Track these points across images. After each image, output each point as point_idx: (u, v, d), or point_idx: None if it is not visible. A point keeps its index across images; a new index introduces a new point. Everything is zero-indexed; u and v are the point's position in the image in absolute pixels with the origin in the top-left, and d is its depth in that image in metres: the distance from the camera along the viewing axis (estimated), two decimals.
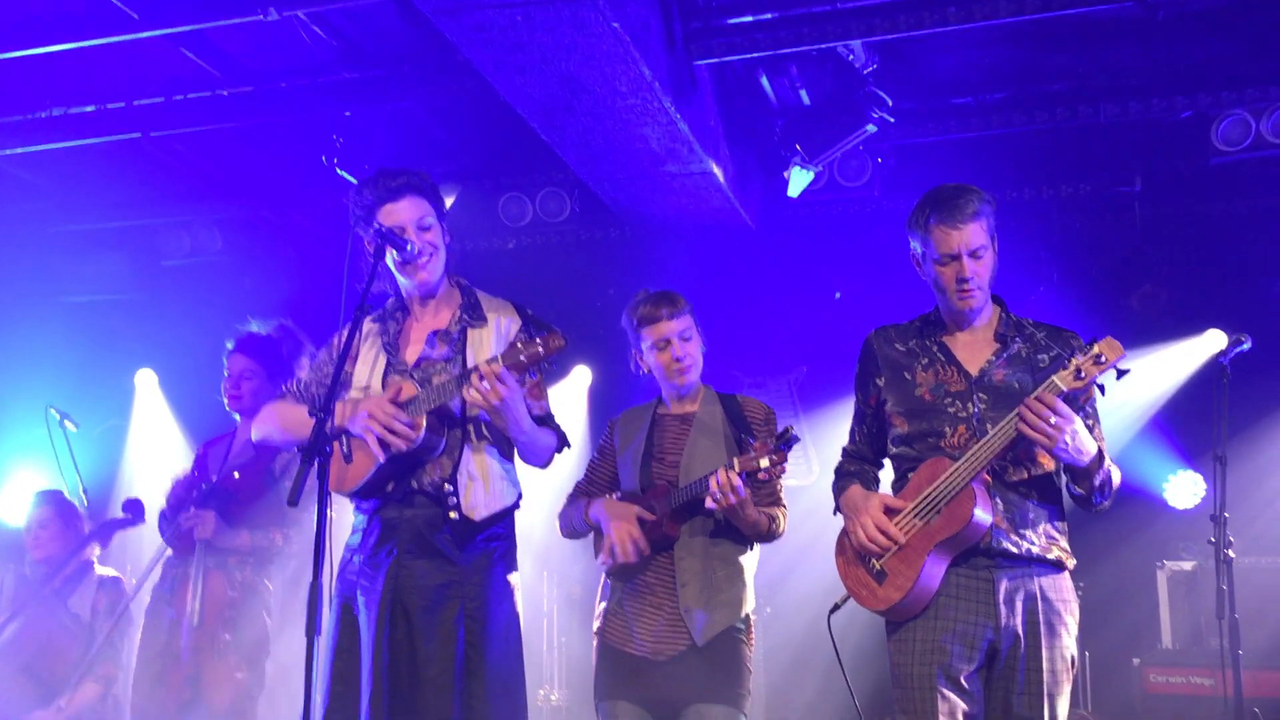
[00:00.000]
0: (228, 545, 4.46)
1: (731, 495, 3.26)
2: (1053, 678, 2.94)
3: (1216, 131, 5.77)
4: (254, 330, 4.68)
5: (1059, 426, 2.81)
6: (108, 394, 7.72)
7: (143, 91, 5.93)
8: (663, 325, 3.55)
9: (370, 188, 3.32)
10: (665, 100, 4.91)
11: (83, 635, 4.75)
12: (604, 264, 7.21)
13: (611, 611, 3.57)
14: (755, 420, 3.60)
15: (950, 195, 3.05)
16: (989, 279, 3.10)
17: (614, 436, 3.78)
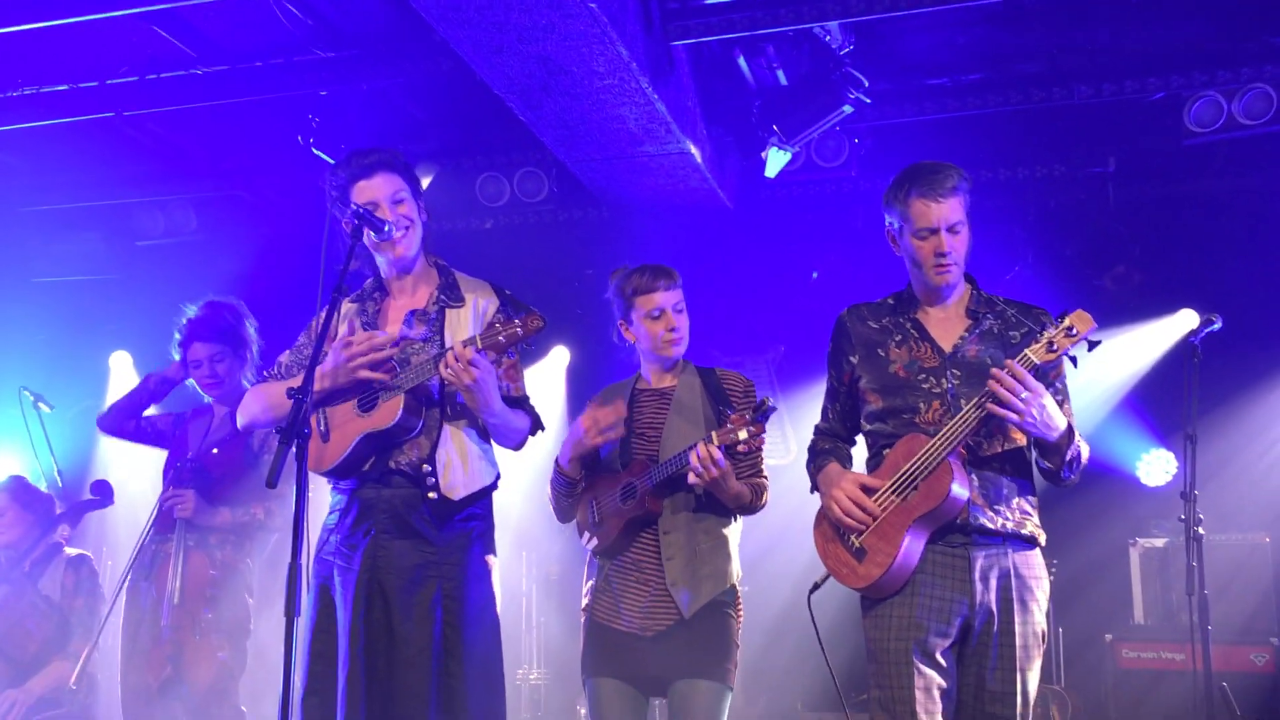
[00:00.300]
0: (208, 523, 4.46)
1: (713, 468, 3.26)
2: (1024, 653, 2.98)
3: (1189, 113, 5.82)
4: (194, 316, 4.67)
5: (1028, 401, 2.84)
6: (82, 375, 7.67)
7: (116, 70, 5.88)
8: (659, 295, 3.55)
9: (343, 167, 3.34)
10: (643, 81, 4.91)
11: (53, 616, 4.74)
12: (582, 244, 7.21)
13: (599, 589, 3.57)
14: (734, 393, 3.61)
15: (930, 170, 3.07)
16: (964, 255, 3.13)
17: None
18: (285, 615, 2.60)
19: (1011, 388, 2.84)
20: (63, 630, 4.74)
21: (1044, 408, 2.87)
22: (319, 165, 6.19)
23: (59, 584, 4.79)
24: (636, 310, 3.58)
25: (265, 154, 6.83)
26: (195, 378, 4.65)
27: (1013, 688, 2.95)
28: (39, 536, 4.82)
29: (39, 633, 4.71)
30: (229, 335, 4.62)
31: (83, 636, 4.74)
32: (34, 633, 4.70)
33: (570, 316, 7.12)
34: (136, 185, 7.20)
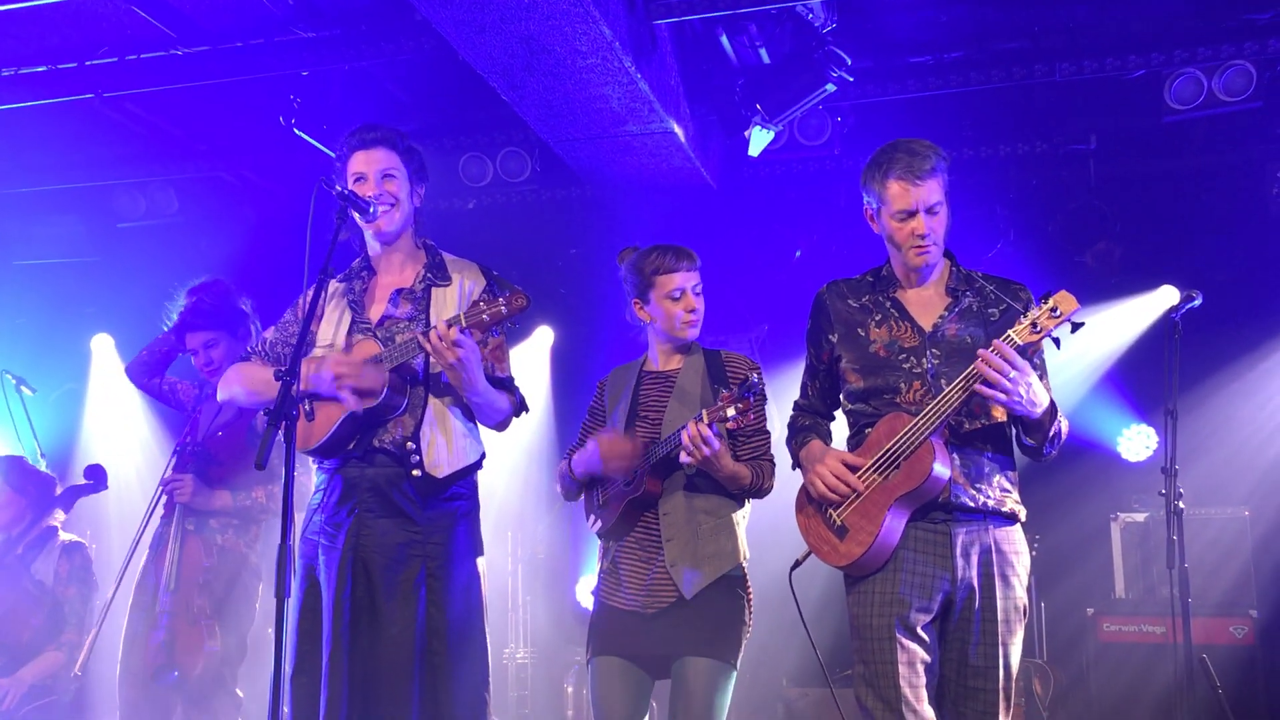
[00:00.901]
0: (208, 507, 4.45)
1: (703, 447, 3.27)
2: (1006, 627, 3.00)
3: (1169, 90, 5.83)
4: (180, 307, 4.65)
5: (1015, 380, 2.85)
6: (64, 358, 7.65)
7: (96, 51, 5.83)
8: (680, 275, 3.55)
9: (350, 138, 3.38)
10: (626, 60, 4.90)
11: (46, 601, 4.73)
12: (565, 224, 7.21)
13: (606, 571, 3.59)
14: (736, 375, 3.60)
15: (907, 151, 3.06)
16: (943, 235, 3.13)
17: (603, 396, 3.79)
18: (275, 597, 2.61)
19: (999, 368, 2.84)
20: (55, 618, 4.73)
21: (1030, 386, 2.89)
22: (301, 146, 6.16)
23: (52, 570, 4.77)
24: (656, 290, 3.57)
25: (247, 135, 6.80)
26: (197, 366, 4.63)
27: (995, 662, 2.98)
28: (34, 519, 4.80)
29: (33, 619, 4.69)
30: (219, 318, 4.59)
31: (75, 626, 4.73)
32: (28, 619, 4.68)
33: (554, 296, 7.12)
34: (117, 167, 7.16)
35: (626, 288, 3.67)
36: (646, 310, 3.62)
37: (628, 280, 3.66)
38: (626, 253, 3.72)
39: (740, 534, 3.56)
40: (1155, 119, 5.99)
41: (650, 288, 3.58)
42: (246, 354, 3.51)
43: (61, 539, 4.88)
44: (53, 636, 4.71)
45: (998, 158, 6.57)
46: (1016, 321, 2.90)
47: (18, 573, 4.73)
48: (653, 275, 3.57)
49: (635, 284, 3.62)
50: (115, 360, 7.72)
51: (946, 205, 3.12)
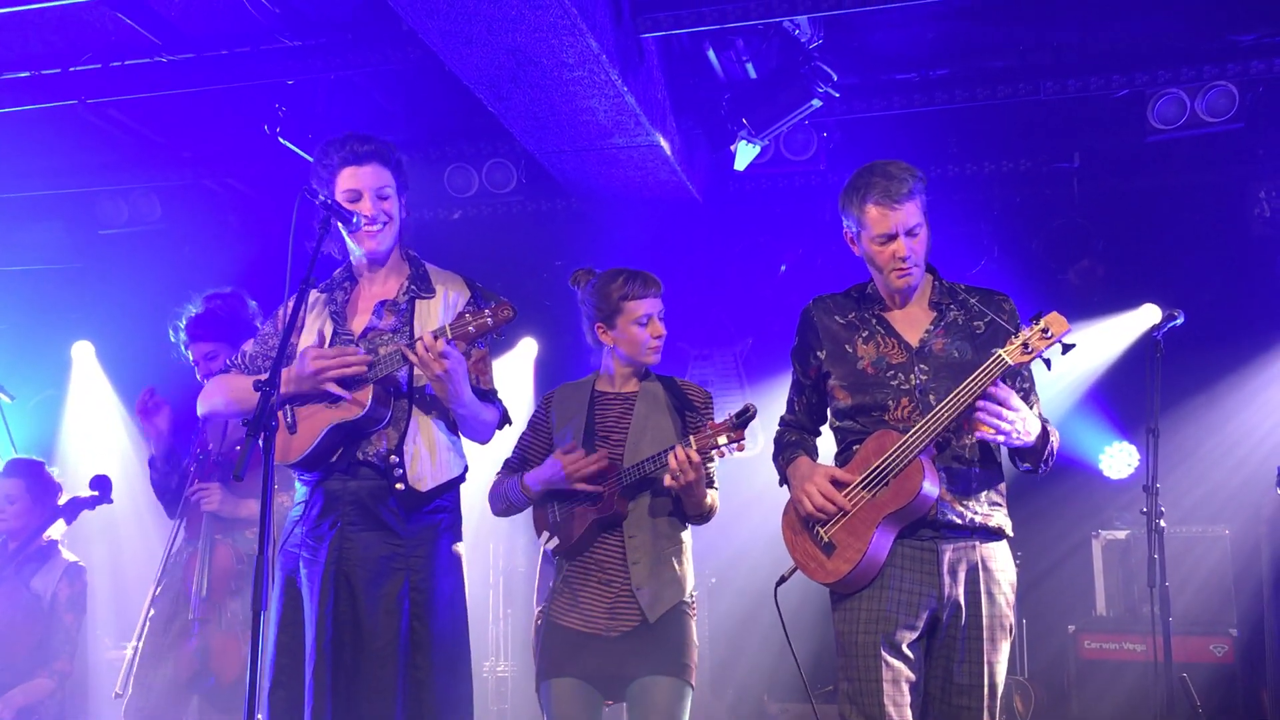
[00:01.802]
0: (235, 515, 4.41)
1: (690, 471, 3.28)
2: (992, 645, 3.00)
3: (1153, 110, 5.87)
4: (192, 313, 4.61)
5: (1012, 421, 2.87)
6: (43, 365, 7.59)
7: (80, 57, 5.79)
8: (650, 301, 3.57)
9: (337, 149, 3.30)
10: (612, 73, 4.90)
11: (42, 618, 4.63)
12: (551, 236, 7.20)
13: (557, 590, 3.57)
14: (696, 401, 3.63)
15: (884, 175, 3.06)
16: (925, 254, 3.13)
17: (550, 412, 3.75)
18: (252, 609, 2.59)
19: (997, 413, 2.86)
20: (49, 643, 4.62)
21: (1025, 419, 2.90)
22: (285, 154, 6.14)
23: (51, 590, 4.66)
24: (624, 315, 3.56)
25: (231, 143, 6.77)
26: (198, 374, 4.59)
27: (980, 680, 2.98)
28: (39, 528, 4.71)
29: (29, 637, 4.59)
30: (224, 330, 4.53)
31: (67, 655, 4.64)
32: (23, 636, 4.59)
33: (539, 308, 7.10)
34: (100, 174, 7.12)
35: (586, 309, 3.65)
36: (611, 335, 3.60)
37: (588, 303, 3.64)
38: (581, 275, 3.70)
39: (690, 559, 3.58)
40: (1139, 138, 6.03)
41: (617, 313, 3.57)
42: (226, 366, 3.48)
43: (64, 559, 4.77)
44: (44, 662, 4.60)
45: (982, 175, 6.60)
46: (1007, 340, 2.91)
47: (15, 586, 4.63)
48: (620, 301, 3.56)
49: (599, 308, 3.60)
50: (95, 367, 7.68)
51: (927, 225, 3.13)
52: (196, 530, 4.43)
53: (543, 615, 3.61)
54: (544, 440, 3.74)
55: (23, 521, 4.71)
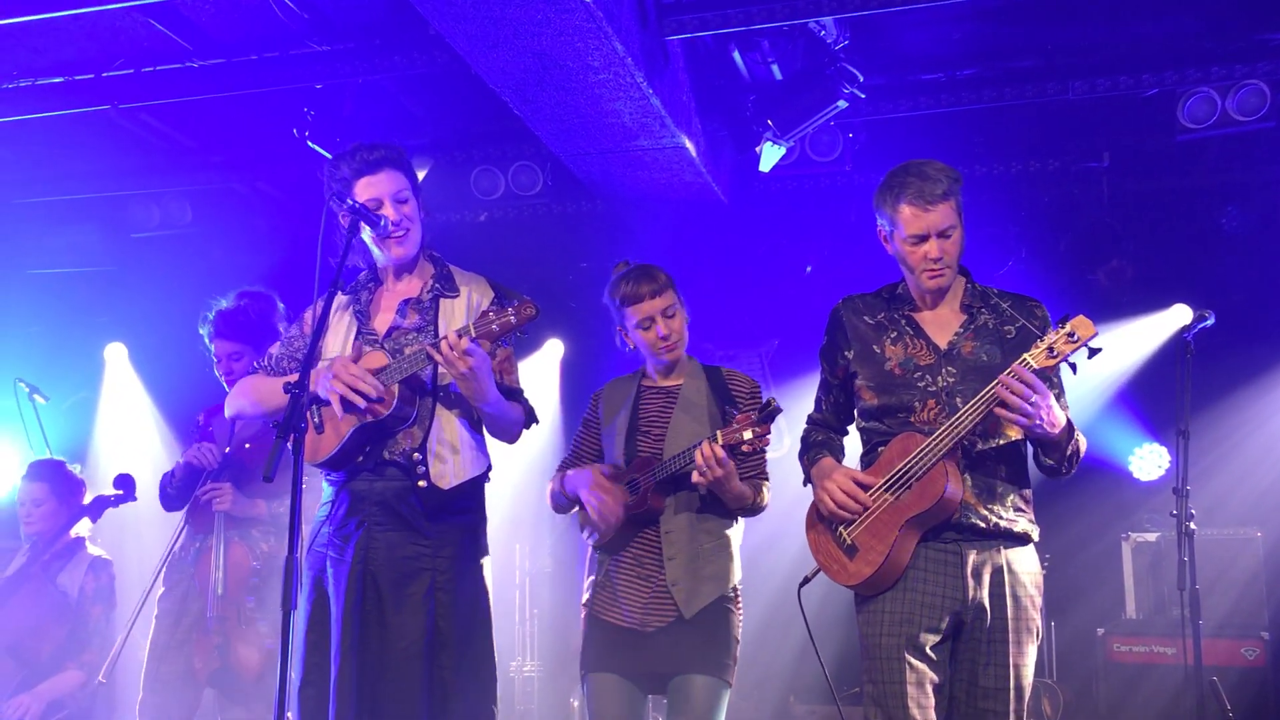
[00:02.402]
0: (247, 515, 4.45)
1: (716, 468, 3.27)
2: (1018, 649, 2.99)
3: (1183, 109, 5.82)
4: (222, 308, 4.65)
5: (1036, 405, 2.83)
6: (77, 367, 7.68)
7: (112, 63, 5.86)
8: (645, 305, 3.55)
9: (347, 161, 3.31)
10: (638, 75, 4.91)
11: (70, 615, 4.69)
12: (576, 238, 7.21)
13: (599, 584, 3.58)
14: (740, 394, 3.61)
15: (919, 175, 3.03)
16: (957, 256, 3.11)
17: (598, 408, 3.79)
18: (282, 608, 2.62)
19: (1020, 392, 2.83)
20: (76, 635, 4.69)
21: (1050, 409, 2.87)
22: (314, 158, 6.18)
23: (78, 585, 4.72)
24: (628, 319, 3.59)
25: (260, 147, 6.82)
26: (218, 371, 4.62)
27: (1005, 683, 2.96)
28: (64, 526, 4.77)
29: (56, 633, 4.66)
30: (251, 332, 4.56)
31: (97, 646, 4.69)
32: (51, 632, 4.65)
33: (565, 309, 7.13)
34: (132, 178, 7.20)
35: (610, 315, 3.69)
36: (629, 337, 3.64)
37: (609, 309, 3.67)
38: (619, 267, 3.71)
39: (736, 554, 3.56)
40: (1168, 138, 5.98)
41: (623, 318, 3.60)
42: (253, 368, 3.51)
43: (90, 553, 4.83)
44: (73, 654, 4.67)
45: (1010, 175, 6.57)
46: (1033, 344, 2.89)
47: (43, 583, 4.68)
48: (622, 306, 3.59)
49: (613, 313, 3.64)
50: (128, 369, 7.76)
51: (961, 227, 3.10)
52: (201, 528, 4.47)
53: (586, 609, 3.63)
54: (594, 436, 3.77)
55: (50, 523, 4.78)
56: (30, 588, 4.68)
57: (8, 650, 4.63)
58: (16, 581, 4.70)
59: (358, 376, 3.08)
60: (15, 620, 4.64)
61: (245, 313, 4.60)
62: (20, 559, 4.79)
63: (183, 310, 4.75)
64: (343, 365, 3.12)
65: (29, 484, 4.81)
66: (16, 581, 4.70)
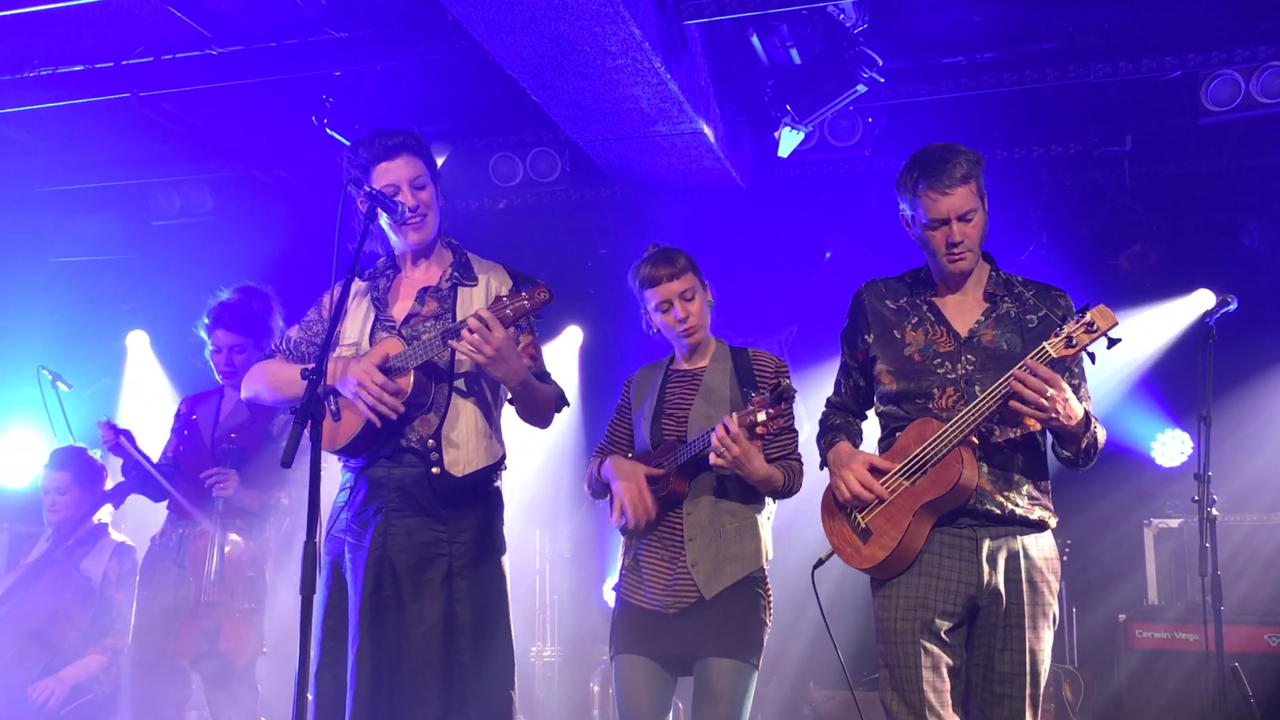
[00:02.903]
0: (242, 504, 4.49)
1: (733, 446, 3.26)
2: (1034, 634, 2.98)
3: (1206, 91, 5.76)
4: (225, 300, 4.68)
5: (1053, 399, 2.82)
6: (99, 354, 7.73)
7: (132, 51, 5.89)
8: (662, 287, 3.55)
9: (365, 147, 3.32)
10: (655, 60, 4.90)
11: (93, 599, 4.74)
12: (595, 224, 7.21)
13: (629, 567, 3.60)
14: (764, 374, 3.59)
15: (938, 159, 3.02)
16: (979, 239, 3.09)
17: (629, 394, 3.80)
18: (301, 593, 2.62)
19: (1037, 387, 2.81)
20: (100, 620, 4.74)
21: (1067, 401, 2.85)
22: (333, 145, 6.19)
23: (101, 570, 4.78)
24: (648, 301, 3.60)
25: (280, 134, 6.84)
26: (214, 361, 4.66)
27: (1021, 669, 2.95)
28: (88, 513, 4.82)
29: (79, 619, 4.71)
30: (255, 326, 4.62)
31: (120, 631, 4.74)
32: (75, 618, 4.70)
33: (584, 296, 7.13)
34: (152, 166, 7.23)
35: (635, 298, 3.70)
36: (652, 319, 3.64)
37: (634, 289, 3.67)
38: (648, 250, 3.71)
39: (764, 534, 3.55)
40: (1191, 121, 5.92)
41: (644, 299, 3.61)
42: (270, 352, 3.52)
43: (113, 539, 4.88)
44: (96, 639, 4.72)
45: (1031, 159, 6.52)
46: (1052, 333, 2.87)
47: (67, 569, 4.73)
48: (641, 290, 3.61)
49: (636, 294, 3.65)
50: (150, 357, 7.80)
51: (983, 210, 3.08)
52: (183, 516, 4.51)
53: (617, 592, 3.64)
54: (626, 422, 3.78)
55: (74, 510, 4.82)
56: (54, 573, 4.73)
57: (33, 635, 4.68)
58: (40, 567, 4.74)
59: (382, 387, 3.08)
60: (40, 605, 4.69)
61: (249, 307, 4.64)
62: (43, 544, 4.84)
63: (203, 297, 4.78)
64: (366, 374, 3.11)
65: (52, 473, 4.86)
66: (40, 567, 4.74)
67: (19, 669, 4.63)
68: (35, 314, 7.58)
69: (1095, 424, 3.02)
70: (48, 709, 4.53)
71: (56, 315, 7.76)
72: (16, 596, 4.70)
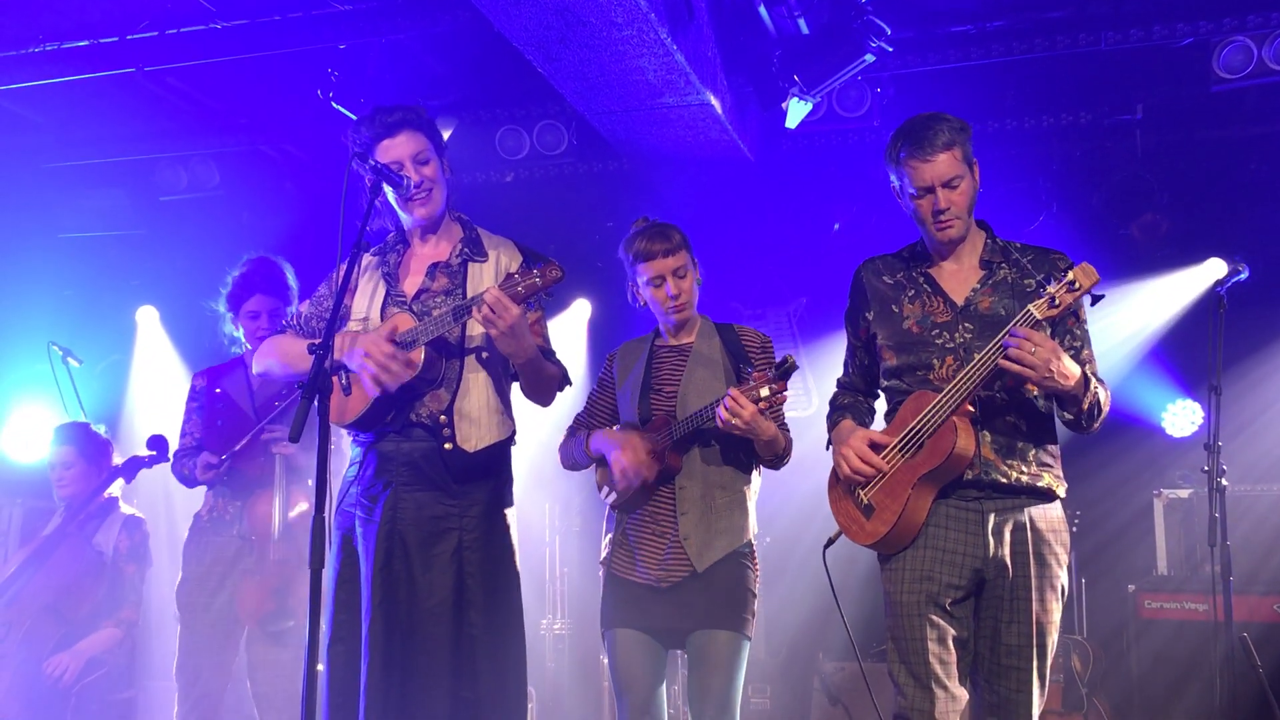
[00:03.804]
0: (298, 464, 4.47)
1: (744, 412, 3.26)
2: (1041, 606, 2.98)
3: (1218, 58, 5.70)
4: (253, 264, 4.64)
5: (1042, 357, 2.81)
6: (109, 329, 7.75)
7: (136, 25, 5.87)
8: (656, 262, 3.56)
9: (367, 125, 3.32)
10: (661, 31, 4.87)
11: (107, 574, 4.76)
12: (602, 197, 7.19)
13: (617, 542, 3.62)
14: (752, 349, 3.62)
15: (921, 128, 3.05)
16: (968, 206, 3.10)
17: (613, 369, 3.81)
18: (310, 567, 2.64)
19: (1024, 346, 2.81)
20: (113, 593, 4.76)
21: (1058, 361, 2.84)
22: (339, 119, 6.18)
23: (113, 544, 4.79)
24: (639, 275, 3.60)
25: (286, 108, 6.83)
26: (248, 329, 4.59)
27: (1029, 640, 2.96)
28: (98, 488, 4.83)
29: (93, 592, 4.73)
30: (286, 290, 4.62)
31: (133, 603, 4.77)
32: (90, 591, 4.72)
33: (591, 269, 7.11)
34: (159, 141, 7.22)
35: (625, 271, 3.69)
36: (640, 294, 3.65)
37: (623, 263, 3.67)
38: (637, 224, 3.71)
39: (751, 509, 3.59)
40: (1203, 88, 5.85)
41: (636, 273, 3.61)
42: (281, 327, 3.53)
43: (123, 511, 4.90)
44: (110, 612, 4.74)
45: (1041, 128, 6.47)
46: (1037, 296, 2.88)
47: (79, 543, 4.75)
48: (634, 262, 3.61)
49: (627, 268, 3.66)
50: (160, 332, 7.82)
51: (971, 176, 3.09)
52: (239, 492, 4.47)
53: (605, 566, 3.66)
54: (609, 396, 3.80)
55: (82, 484, 4.83)
56: (67, 547, 4.75)
57: (48, 608, 4.71)
58: (54, 541, 4.76)
59: (389, 355, 3.09)
60: (54, 579, 4.71)
61: (279, 272, 4.62)
62: (56, 520, 4.86)
63: (212, 272, 4.77)
64: (374, 342, 3.12)
65: (58, 448, 4.88)
66: (54, 541, 4.76)
67: (34, 643, 4.65)
68: (44, 289, 7.60)
69: (1096, 385, 3.00)
70: (64, 682, 4.56)
71: (66, 290, 7.78)
72: (30, 571, 4.72)
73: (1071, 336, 3.05)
